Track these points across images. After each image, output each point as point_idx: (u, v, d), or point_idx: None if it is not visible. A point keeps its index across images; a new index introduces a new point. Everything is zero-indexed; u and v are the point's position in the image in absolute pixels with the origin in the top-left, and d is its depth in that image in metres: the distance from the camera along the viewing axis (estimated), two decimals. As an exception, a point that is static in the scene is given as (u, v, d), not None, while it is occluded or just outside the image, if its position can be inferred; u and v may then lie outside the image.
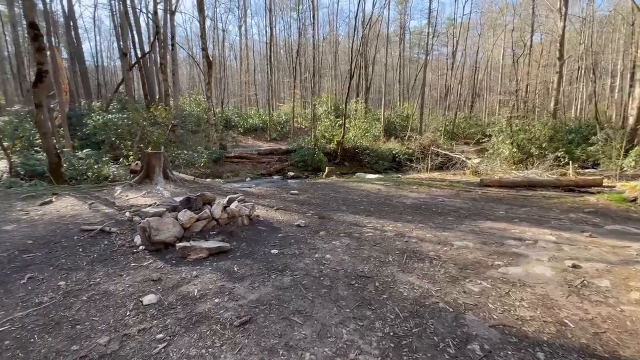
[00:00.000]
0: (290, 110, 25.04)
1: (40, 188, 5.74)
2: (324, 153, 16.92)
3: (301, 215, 4.78)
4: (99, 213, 4.29)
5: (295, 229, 4.00)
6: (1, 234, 3.39)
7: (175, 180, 6.70)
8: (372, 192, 7.18)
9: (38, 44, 6.03)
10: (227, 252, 3.03)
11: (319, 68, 28.53)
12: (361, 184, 8.25)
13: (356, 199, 6.33)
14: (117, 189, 5.80)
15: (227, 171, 15.25)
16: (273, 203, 5.59)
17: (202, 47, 14.60)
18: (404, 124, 27.55)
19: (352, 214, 5.01)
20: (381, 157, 18.07)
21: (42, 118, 6.33)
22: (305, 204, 5.64)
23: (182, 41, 38.59)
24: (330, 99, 24.82)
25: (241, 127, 24.85)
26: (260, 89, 37.21)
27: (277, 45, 36.18)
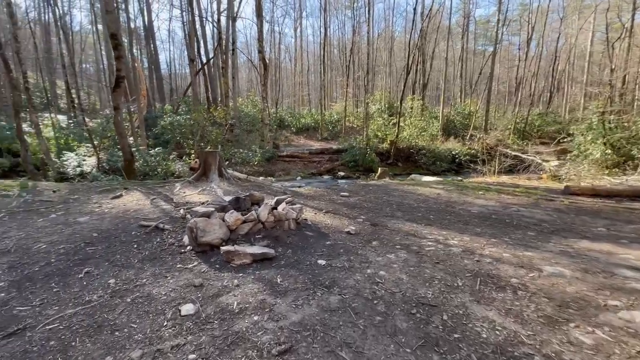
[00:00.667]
0: (342, 109, 24.75)
1: (115, 182, 6.31)
2: (376, 153, 16.26)
3: (351, 220, 4.42)
4: (158, 209, 4.47)
5: (344, 236, 3.66)
6: (75, 225, 3.68)
7: (229, 178, 6.86)
8: (431, 197, 6.49)
9: (117, 53, 6.65)
10: (271, 260, 2.82)
11: (373, 65, 27.70)
12: (417, 187, 7.57)
13: (412, 204, 5.74)
14: (177, 185, 6.11)
15: (279, 170, 15.56)
16: (322, 205, 5.33)
17: (259, 49, 15.09)
18: (465, 122, 25.30)
19: (409, 221, 4.48)
20: (439, 158, 16.75)
21: (119, 120, 7.01)
22: (355, 208, 5.26)
23: (242, 46, 40.88)
24: (384, 97, 23.90)
25: (294, 126, 25.32)
26: (313, 89, 37.63)
27: (330, 45, 36.18)
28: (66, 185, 5.98)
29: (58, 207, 4.48)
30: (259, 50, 14.99)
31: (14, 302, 2.10)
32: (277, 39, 32.06)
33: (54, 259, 2.75)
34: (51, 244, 3.10)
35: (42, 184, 5.99)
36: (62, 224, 3.71)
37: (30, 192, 5.23)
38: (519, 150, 16.13)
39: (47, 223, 3.76)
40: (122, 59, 6.66)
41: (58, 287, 2.31)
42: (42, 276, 2.46)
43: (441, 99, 24.03)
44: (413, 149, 17.03)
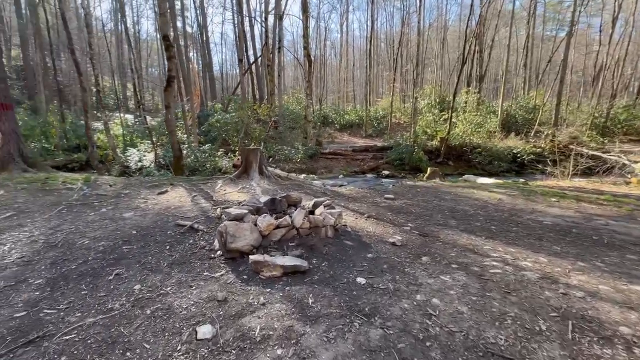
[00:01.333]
0: (388, 105, 23.70)
1: (164, 178, 6.57)
2: (424, 151, 15.17)
3: (397, 228, 3.92)
4: (197, 207, 4.45)
5: (389, 248, 3.20)
6: (119, 221, 3.76)
7: (269, 176, 6.75)
8: (490, 203, 5.65)
9: (169, 54, 6.89)
10: (304, 273, 2.50)
11: (423, 58, 26.05)
12: (473, 191, 6.70)
13: (468, 211, 5.01)
14: (219, 182, 6.14)
15: (321, 167, 15.34)
16: (363, 209, 4.88)
17: (304, 45, 14.95)
18: (529, 117, 22.55)
19: (466, 232, 3.85)
20: (497, 157, 15.09)
21: (170, 118, 7.31)
22: (402, 213, 4.73)
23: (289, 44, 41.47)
24: (434, 91, 22.33)
25: (337, 123, 24.93)
26: (358, 84, 36.77)
27: (377, 39, 34.94)
28: (122, 179, 6.37)
29: (110, 201, 4.70)
30: (304, 47, 14.84)
31: (43, 304, 2.06)
32: (323, 35, 31.84)
33: (92, 257, 2.75)
34: (94, 239, 3.15)
35: (103, 178, 6.46)
36: (109, 219, 3.82)
37: (91, 185, 5.63)
38: (598, 149, 13.81)
39: (96, 217, 3.91)
40: (173, 59, 6.89)
41: (87, 289, 2.25)
42: (77, 275, 2.44)
43: (500, 92, 21.69)
44: (466, 147, 15.57)
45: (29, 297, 2.13)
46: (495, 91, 42.34)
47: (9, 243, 3.05)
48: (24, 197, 4.74)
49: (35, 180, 5.71)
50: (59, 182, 5.72)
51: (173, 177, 6.78)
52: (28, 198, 4.73)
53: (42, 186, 5.41)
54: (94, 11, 33.31)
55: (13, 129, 6.33)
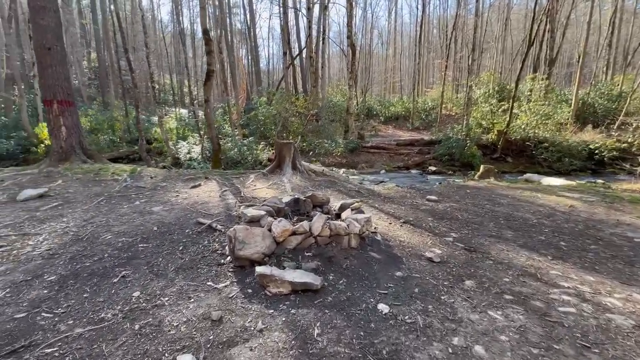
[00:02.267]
0: (439, 95, 21.93)
1: (200, 172, 6.68)
2: (478, 146, 13.67)
3: (437, 239, 3.34)
4: (223, 203, 4.33)
5: (424, 264, 2.67)
6: (146, 215, 3.77)
7: (302, 171, 6.47)
8: (560, 211, 4.68)
9: (208, 48, 6.93)
10: (315, 293, 2.13)
11: (481, 42, 23.48)
12: (537, 194, 5.67)
13: (530, 220, 4.17)
14: (251, 176, 6.03)
15: (362, 161, 14.73)
16: (400, 212, 4.33)
17: (347, 35, 14.32)
18: (612, 106, 19.15)
19: (526, 249, 3.13)
20: (567, 153, 13.01)
21: (208, 112, 7.41)
22: (445, 219, 4.09)
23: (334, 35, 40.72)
24: (493, 79, 20.03)
25: (382, 115, 23.87)
26: (406, 74, 34.80)
27: (429, 24, 32.56)
28: (163, 172, 6.62)
29: (146, 193, 4.83)
30: (348, 36, 14.22)
31: (45, 305, 2.00)
32: (370, 24, 30.53)
33: (107, 254, 2.71)
34: (117, 234, 3.15)
35: (148, 170, 6.79)
36: (138, 213, 3.86)
37: (134, 177, 5.90)
38: None
39: (128, 210, 3.99)
40: (212, 54, 6.93)
41: (90, 292, 2.16)
42: (87, 274, 2.39)
43: (575, 77, 18.65)
44: (529, 141, 13.67)
45: (36, 296, 2.10)
46: (567, 77, 36.94)
47: (45, 233, 3.18)
48: (75, 187, 5.10)
49: (89, 171, 6.18)
50: (109, 173, 6.10)
51: (210, 171, 6.87)
52: (78, 188, 5.07)
53: (94, 177, 5.81)
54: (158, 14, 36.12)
55: (75, 124, 6.92)
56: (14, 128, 13.84)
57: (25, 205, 4.15)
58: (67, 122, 6.73)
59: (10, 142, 12.73)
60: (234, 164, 10.97)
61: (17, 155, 12.72)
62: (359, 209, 3.40)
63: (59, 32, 6.61)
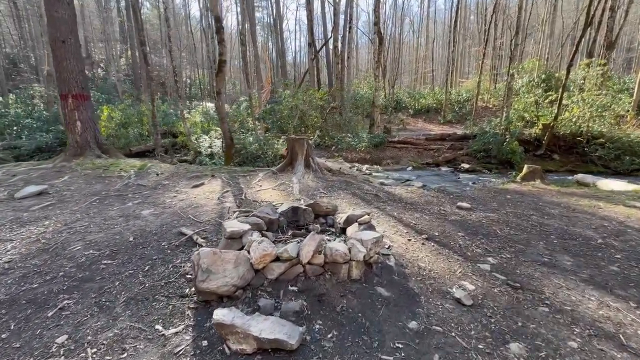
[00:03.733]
0: (474, 86, 20.11)
1: (209, 168, 6.29)
2: (518, 141, 12.15)
3: (469, 265, 2.57)
4: (219, 207, 3.83)
5: (450, 309, 1.95)
6: (131, 221, 3.37)
7: (316, 169, 5.84)
8: (631, 227, 3.65)
9: (220, 37, 6.46)
10: (290, 354, 1.52)
11: (525, 25, 21.06)
12: (598, 203, 4.58)
13: (593, 239, 3.24)
14: (259, 175, 5.51)
15: (387, 157, 13.77)
16: (423, 224, 3.57)
17: (374, 21, 13.26)
18: (686, 95, 16.36)
19: (593, 287, 2.28)
20: (629, 151, 11.18)
21: (220, 104, 6.99)
22: (479, 235, 3.28)
23: (363, 25, 39.09)
24: (538, 67, 17.89)
25: (411, 108, 22.48)
26: (440, 64, 32.58)
27: (466, 9, 30.09)
28: (172, 168, 6.31)
29: (144, 193, 4.48)
30: (375, 22, 13.16)
31: (-49, 348, 1.58)
32: (401, 11, 28.75)
33: (62, 273, 2.29)
34: (88, 245, 2.75)
35: (158, 166, 6.53)
36: (124, 217, 3.48)
37: (140, 174, 5.63)
38: None
39: (116, 213, 3.62)
40: (224, 43, 6.44)
41: (12, 330, 1.72)
42: (25, 301, 1.97)
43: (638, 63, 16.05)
44: (582, 137, 11.92)
45: (-48, 332, 1.70)
46: (626, 64, 32.56)
47: (17, 240, 2.86)
48: (78, 185, 4.88)
49: (100, 166, 6.01)
50: (118, 168, 5.89)
51: (219, 167, 6.46)
52: (80, 185, 4.84)
53: (101, 173, 5.61)
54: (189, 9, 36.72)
55: (90, 118, 6.82)
56: (54, 122, 14.58)
57: (19, 204, 3.95)
58: (82, 116, 6.62)
59: (49, 135, 13.39)
60: (253, 158, 10.59)
61: (55, 147, 13.38)
62: (368, 223, 2.72)
63: (74, 25, 6.46)
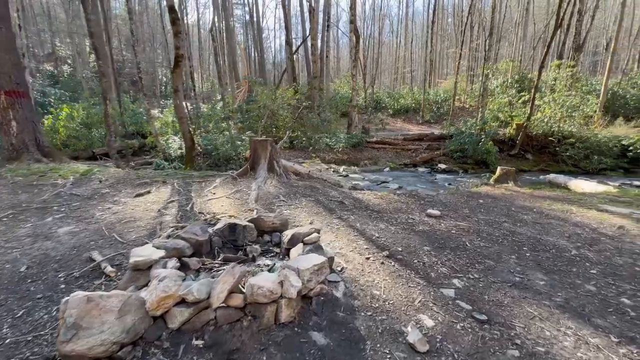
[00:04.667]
0: (452, 86, 20.22)
1: (162, 174, 5.68)
2: (493, 141, 12.16)
3: (431, 291, 2.19)
4: (155, 221, 3.29)
5: (402, 357, 1.55)
6: (39, 242, 2.78)
7: (281, 174, 5.37)
8: (605, 235, 3.41)
9: (176, 28, 5.86)
10: None
11: (500, 28, 21.41)
12: (570, 208, 4.37)
13: (567, 250, 2.96)
14: (216, 181, 4.97)
15: (365, 158, 13.47)
16: (387, 236, 3.18)
17: (350, 19, 12.92)
18: (647, 97, 17.10)
19: (570, 315, 1.94)
20: (597, 151, 11.40)
21: (178, 103, 6.38)
22: (447, 249, 2.92)
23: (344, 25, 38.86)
24: (512, 68, 18.16)
25: (391, 108, 22.38)
26: (419, 65, 32.84)
27: (443, 10, 30.43)
28: (121, 174, 5.64)
29: (73, 205, 3.86)
30: (351, 20, 12.81)
31: None
32: (381, 11, 28.67)
33: None
34: (-36, 278, 2.16)
35: (107, 171, 5.84)
36: (34, 237, 2.88)
37: (80, 181, 4.96)
38: None
39: (27, 231, 3.02)
40: (180, 35, 5.84)
41: None
42: None
43: (606, 65, 16.59)
44: (553, 137, 12.06)
45: None
46: (592, 67, 34.00)
47: None
48: (2, 195, 4.19)
49: (36, 172, 5.28)
50: (56, 175, 5.19)
51: (174, 172, 5.85)
52: (4, 197, 4.15)
53: (35, 180, 4.90)
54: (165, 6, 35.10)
55: (28, 118, 6.05)
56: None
57: None
58: (17, 115, 5.84)
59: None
60: (226, 160, 9.97)
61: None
62: (315, 243, 2.28)
63: (5, 12, 5.67)
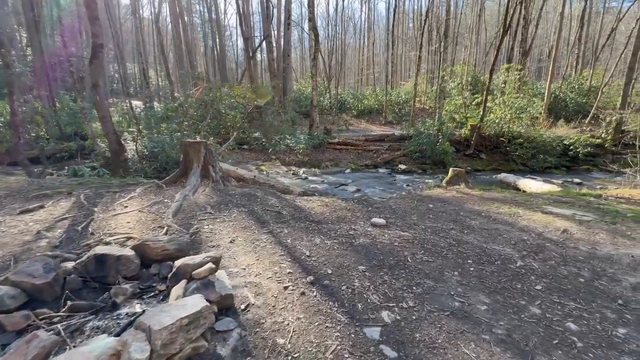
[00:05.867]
0: (413, 88, 20.59)
1: (74, 182, 4.78)
2: (451, 142, 12.35)
3: (351, 332, 1.73)
4: (22, 248, 2.54)
5: None
6: None
7: (217, 180, 4.72)
8: (550, 240, 3.23)
9: (90, 13, 4.97)
10: None
11: (455, 33, 22.21)
12: (517, 211, 4.22)
13: (512, 261, 2.68)
14: (137, 190, 4.22)
15: (327, 159, 13.09)
16: (320, 254, 2.71)
17: (308, 17, 12.46)
18: (583, 100, 18.58)
19: (509, 353, 1.58)
20: (542, 150, 11.97)
21: (98, 99, 5.47)
22: (384, 268, 2.51)
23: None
24: (467, 71, 18.83)
25: (355, 109, 22.31)
26: (383, 66, 33.36)
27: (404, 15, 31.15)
28: (21, 183, 4.66)
29: None
30: (310, 18, 12.36)
31: None
32: (343, 12, 28.64)
33: None
34: None
35: (2, 180, 4.81)
36: None
37: (-42, 194, 3.95)
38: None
39: None
40: (97, 21, 4.95)
41: None
42: None
43: (549, 70, 17.77)
44: (504, 137, 12.51)
45: None
46: (537, 73, 36.79)
47: None
48: None
49: None
50: None
51: (88, 181, 4.94)
52: None
53: None
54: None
55: None
56: None
57: None
58: None
59: None
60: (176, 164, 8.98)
61: None
62: (206, 277, 1.73)
63: None
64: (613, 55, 23.01)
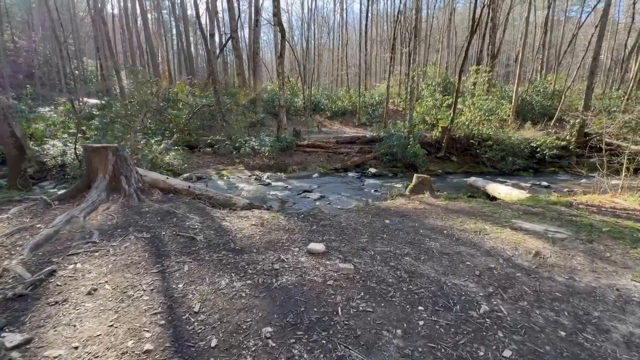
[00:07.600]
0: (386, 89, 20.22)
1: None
2: (422, 144, 11.89)
3: None
4: None
5: None
6: None
7: (130, 193, 3.78)
8: (520, 268, 2.59)
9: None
10: None
11: (428, 36, 22.11)
12: (484, 227, 3.60)
13: (475, 304, 1.97)
14: (12, 210, 3.21)
15: (295, 163, 12.26)
16: (211, 313, 1.89)
17: (274, 12, 11.61)
18: (547, 103, 18.95)
19: None
20: (510, 152, 11.79)
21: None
22: (299, 330, 1.73)
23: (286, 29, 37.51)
24: (438, 73, 18.69)
25: (329, 110, 21.65)
26: (357, 68, 33.03)
27: (378, 16, 30.96)
28: None
29: None
30: (275, 13, 11.51)
31: None
32: (315, 12, 27.97)
33: None
34: None
35: None
36: None
37: None
38: None
39: None
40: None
41: None
42: None
43: (516, 73, 17.96)
44: (474, 139, 12.25)
45: None
46: (505, 77, 37.89)
47: None
48: None
49: None
50: None
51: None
52: None
53: None
54: (74, -11, 29.85)
55: None
56: None
57: None
58: None
59: None
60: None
61: None
62: None
63: None
64: (574, 61, 23.87)
